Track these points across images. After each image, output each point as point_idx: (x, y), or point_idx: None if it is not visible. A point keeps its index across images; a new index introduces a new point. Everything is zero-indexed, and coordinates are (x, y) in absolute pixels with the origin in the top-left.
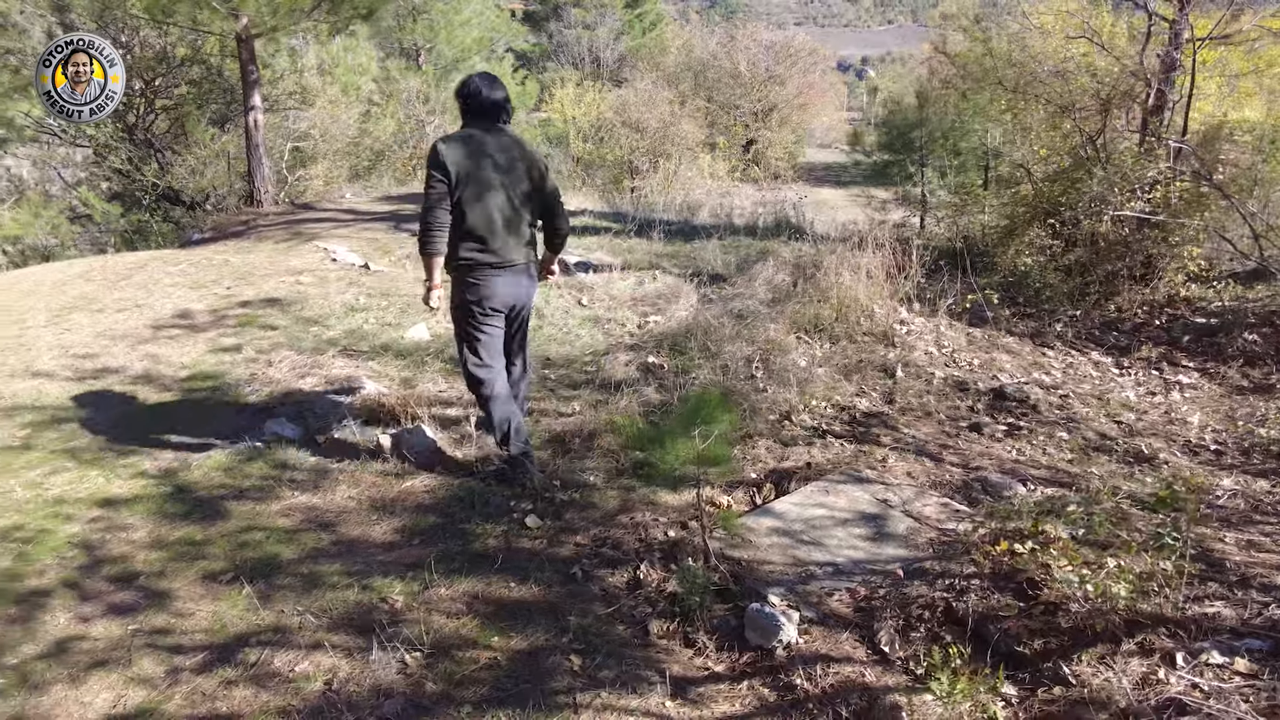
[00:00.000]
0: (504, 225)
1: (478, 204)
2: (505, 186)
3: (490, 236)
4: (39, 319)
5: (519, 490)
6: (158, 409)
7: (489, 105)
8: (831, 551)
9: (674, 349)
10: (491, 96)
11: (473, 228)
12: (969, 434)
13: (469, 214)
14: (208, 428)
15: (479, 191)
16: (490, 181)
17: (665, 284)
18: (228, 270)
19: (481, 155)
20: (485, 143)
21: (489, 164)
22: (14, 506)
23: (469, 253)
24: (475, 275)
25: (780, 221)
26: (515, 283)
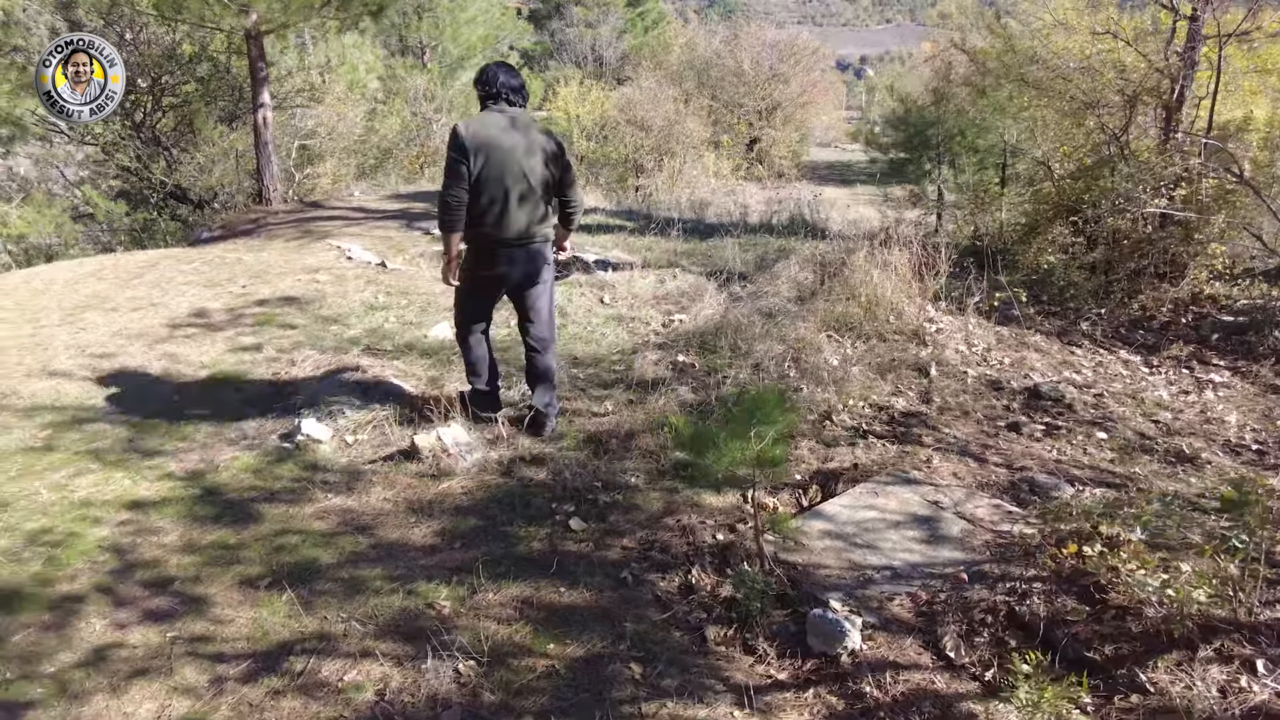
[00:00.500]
0: (519, 203)
1: (494, 182)
2: (521, 166)
3: (506, 214)
4: (53, 318)
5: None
6: (179, 409)
7: (505, 90)
8: (887, 555)
9: (703, 348)
10: (508, 82)
11: (489, 205)
12: (1008, 433)
13: (485, 191)
14: (234, 429)
15: (496, 171)
16: (507, 162)
17: (686, 282)
18: (241, 269)
19: (499, 136)
20: (503, 125)
21: (506, 145)
22: (40, 509)
23: (486, 229)
24: (491, 250)
25: (795, 219)
26: (529, 259)
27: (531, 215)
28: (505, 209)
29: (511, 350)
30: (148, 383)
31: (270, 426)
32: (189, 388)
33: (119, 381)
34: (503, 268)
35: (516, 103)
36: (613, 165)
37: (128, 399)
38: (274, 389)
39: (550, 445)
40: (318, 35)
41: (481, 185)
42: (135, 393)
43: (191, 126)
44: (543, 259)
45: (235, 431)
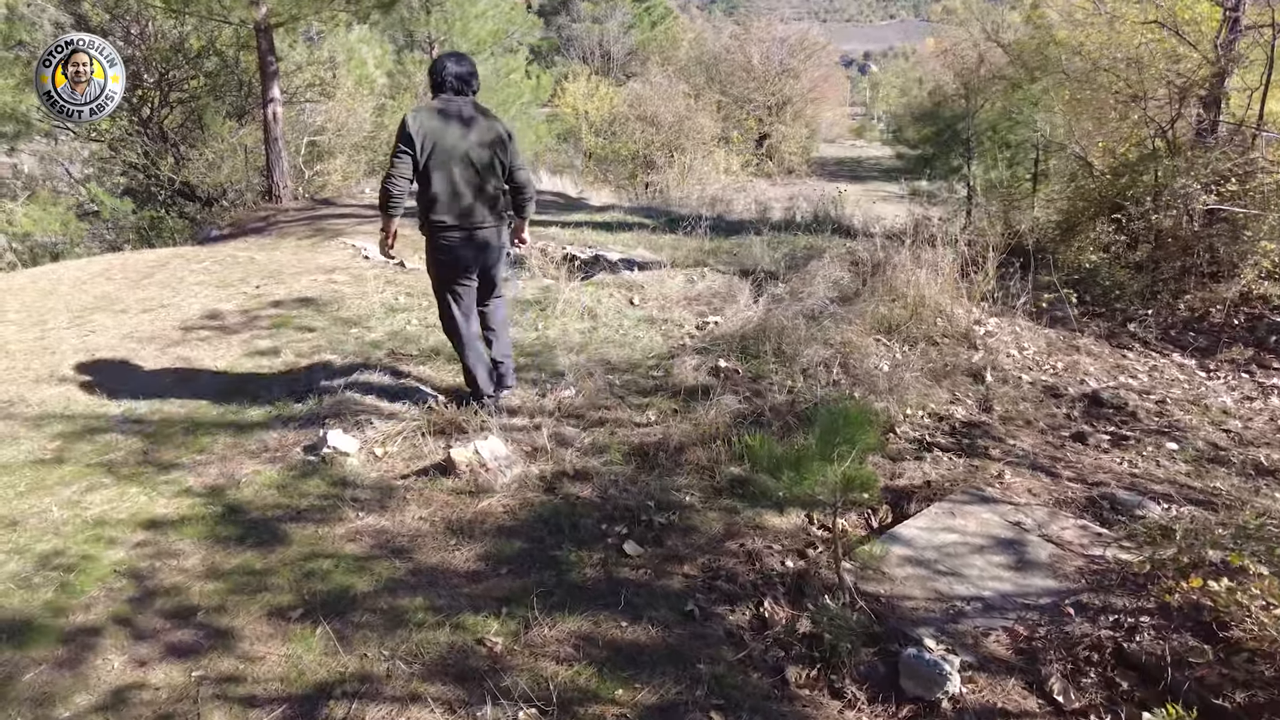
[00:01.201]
0: (470, 190)
1: (444, 170)
2: (470, 154)
3: (456, 201)
4: (60, 320)
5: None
6: (195, 419)
7: (454, 78)
8: (974, 583)
9: (745, 352)
10: (457, 70)
11: (440, 193)
12: (1074, 444)
13: (435, 180)
14: (254, 440)
15: (445, 159)
16: (455, 149)
17: (716, 282)
18: (254, 268)
19: (448, 125)
20: (451, 114)
21: (455, 133)
22: (51, 528)
23: (439, 216)
24: (445, 238)
25: (819, 217)
26: (484, 244)
27: (481, 202)
28: (454, 195)
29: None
30: (161, 389)
31: (293, 438)
32: (204, 394)
33: (131, 388)
34: (458, 252)
35: (464, 91)
36: (622, 161)
37: (141, 407)
38: (295, 396)
39: (594, 459)
40: (325, 30)
41: (430, 173)
42: (148, 400)
43: (200, 122)
44: (495, 243)
45: (256, 443)
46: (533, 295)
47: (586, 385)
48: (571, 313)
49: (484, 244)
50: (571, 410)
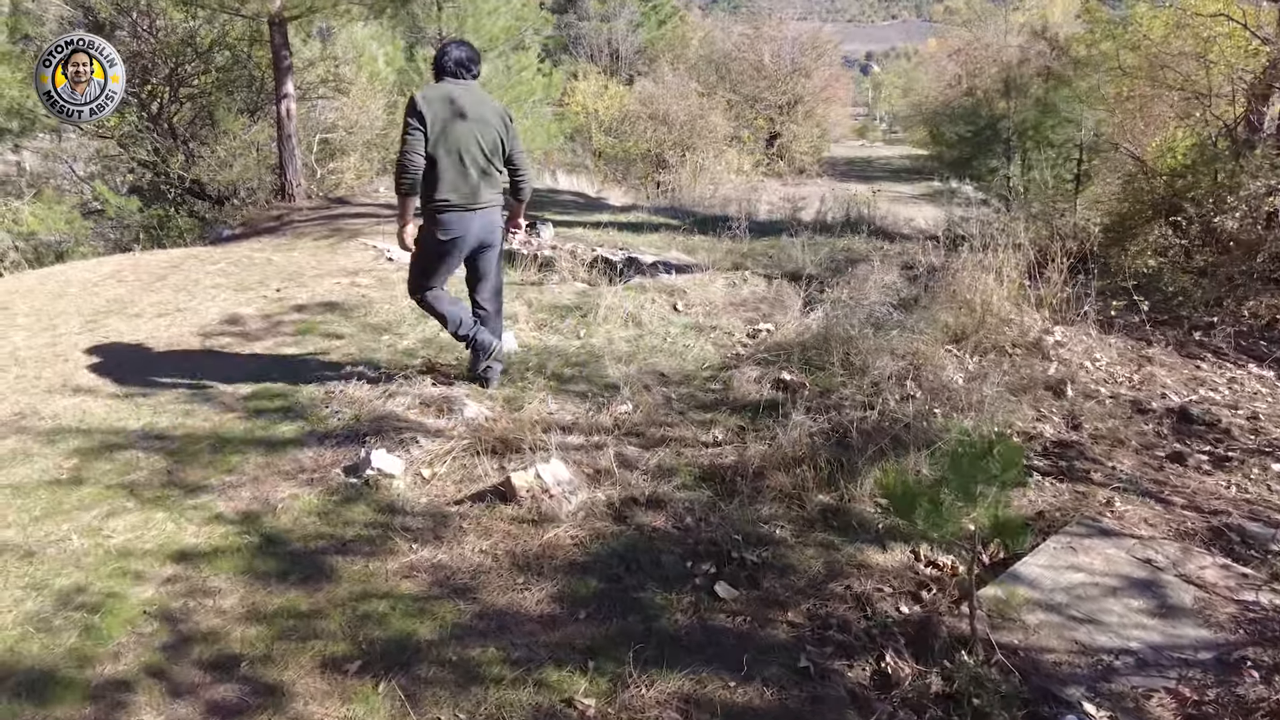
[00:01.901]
0: (475, 169)
1: (452, 149)
2: (476, 134)
3: (463, 179)
4: (72, 325)
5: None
6: (222, 434)
7: (455, 63)
8: (1117, 633)
9: (807, 363)
10: (459, 55)
11: (446, 170)
12: (1172, 465)
13: (443, 158)
14: (288, 458)
15: (453, 138)
16: (462, 130)
17: (760, 287)
18: (272, 270)
19: (455, 106)
20: (458, 95)
21: (460, 115)
22: (72, 560)
23: (443, 195)
24: (447, 215)
25: (851, 218)
26: (483, 222)
27: (485, 182)
28: (460, 176)
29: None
30: (182, 401)
31: (330, 456)
32: (230, 408)
33: (150, 399)
34: (459, 233)
35: (464, 76)
36: (633, 161)
37: (162, 421)
38: (330, 410)
39: (664, 483)
40: (338, 26)
41: (436, 153)
42: (169, 413)
43: (211, 119)
44: (496, 224)
45: (290, 462)
46: (570, 300)
47: (644, 400)
48: (614, 319)
49: (483, 224)
50: (630, 427)
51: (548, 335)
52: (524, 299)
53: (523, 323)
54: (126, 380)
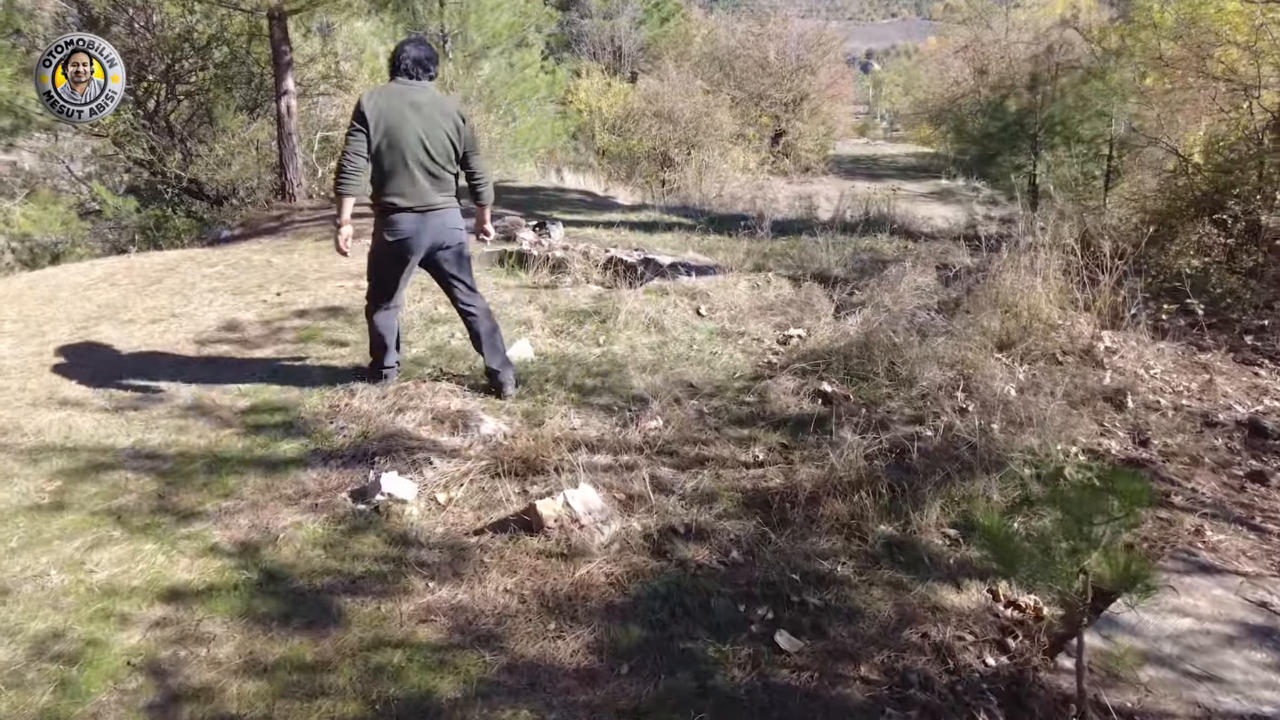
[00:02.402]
0: (421, 171)
1: (394, 151)
2: (422, 136)
3: (407, 181)
4: (61, 331)
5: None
6: (218, 453)
7: (411, 62)
8: (1244, 693)
9: (848, 372)
10: (414, 55)
11: (390, 173)
12: (1254, 485)
13: (387, 160)
14: (290, 481)
15: (397, 140)
16: (407, 131)
17: (785, 289)
18: (272, 273)
19: (401, 107)
20: (405, 96)
21: (408, 114)
22: (50, 600)
23: (389, 197)
24: (395, 217)
25: (870, 217)
26: (435, 224)
27: (434, 184)
28: (406, 177)
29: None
30: (176, 415)
31: (336, 479)
32: (228, 423)
33: (142, 413)
34: (406, 234)
35: (419, 76)
36: (640, 159)
37: (154, 438)
38: (335, 426)
39: (705, 510)
40: (337, 22)
41: (382, 154)
42: (162, 429)
43: (209, 116)
44: (450, 227)
45: (292, 485)
46: (587, 304)
47: (675, 414)
48: (636, 325)
49: (433, 226)
50: (662, 445)
51: (565, 342)
52: (538, 303)
53: (537, 329)
54: (117, 392)
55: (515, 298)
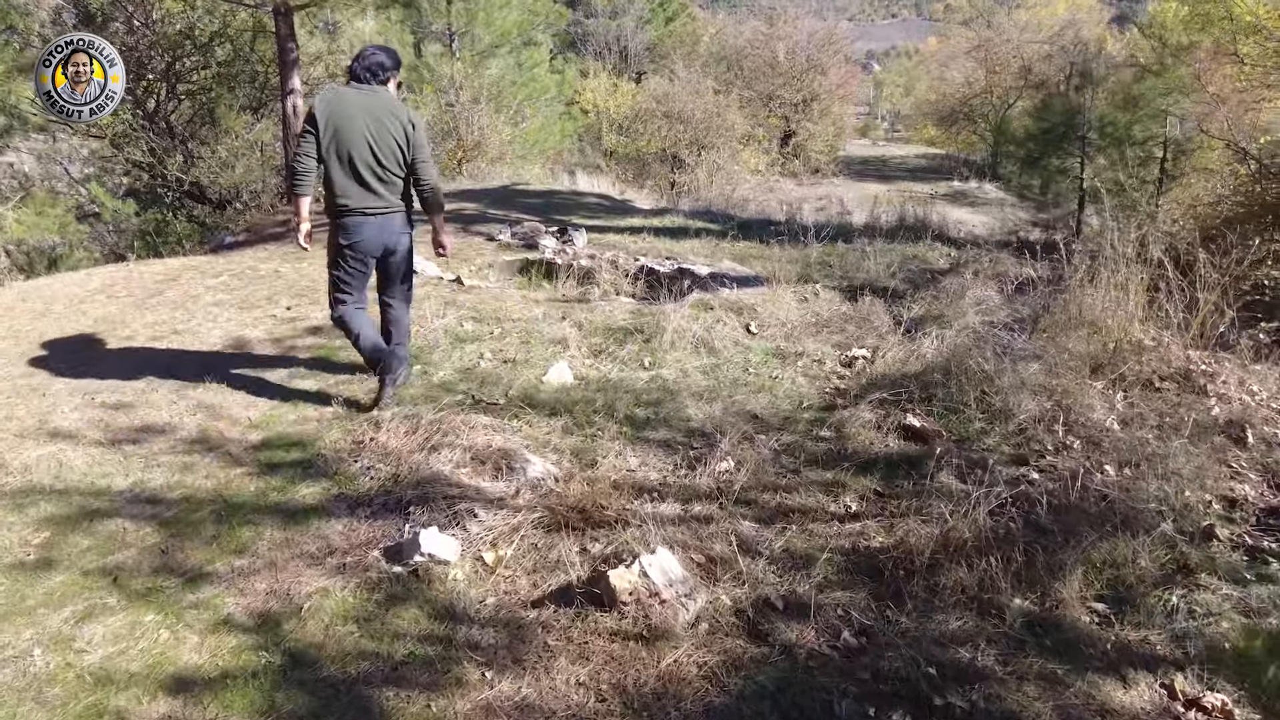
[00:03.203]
0: (370, 174)
1: (344, 155)
2: (370, 140)
3: (355, 185)
4: (55, 350)
5: None
6: (229, 497)
7: (364, 68)
8: None
9: (929, 401)
10: (369, 60)
11: (339, 176)
12: None
13: (335, 164)
14: (312, 534)
15: (345, 143)
16: (355, 135)
17: (835, 303)
18: (281, 284)
19: (351, 110)
20: (356, 101)
21: (356, 117)
22: (33, 690)
23: (340, 200)
24: (345, 220)
25: (906, 222)
26: (383, 227)
27: (382, 188)
28: (352, 181)
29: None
30: (180, 450)
31: (365, 532)
32: (238, 460)
33: (141, 448)
34: (357, 237)
35: (370, 81)
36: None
37: (155, 478)
38: (360, 465)
39: (801, 578)
40: (343, 20)
41: (330, 157)
42: (164, 467)
43: (211, 117)
44: (397, 231)
45: (315, 539)
46: (625, 321)
47: (747, 454)
48: (683, 344)
49: (383, 229)
50: (737, 493)
51: (606, 364)
52: (571, 320)
53: (574, 349)
54: (114, 422)
55: (546, 313)
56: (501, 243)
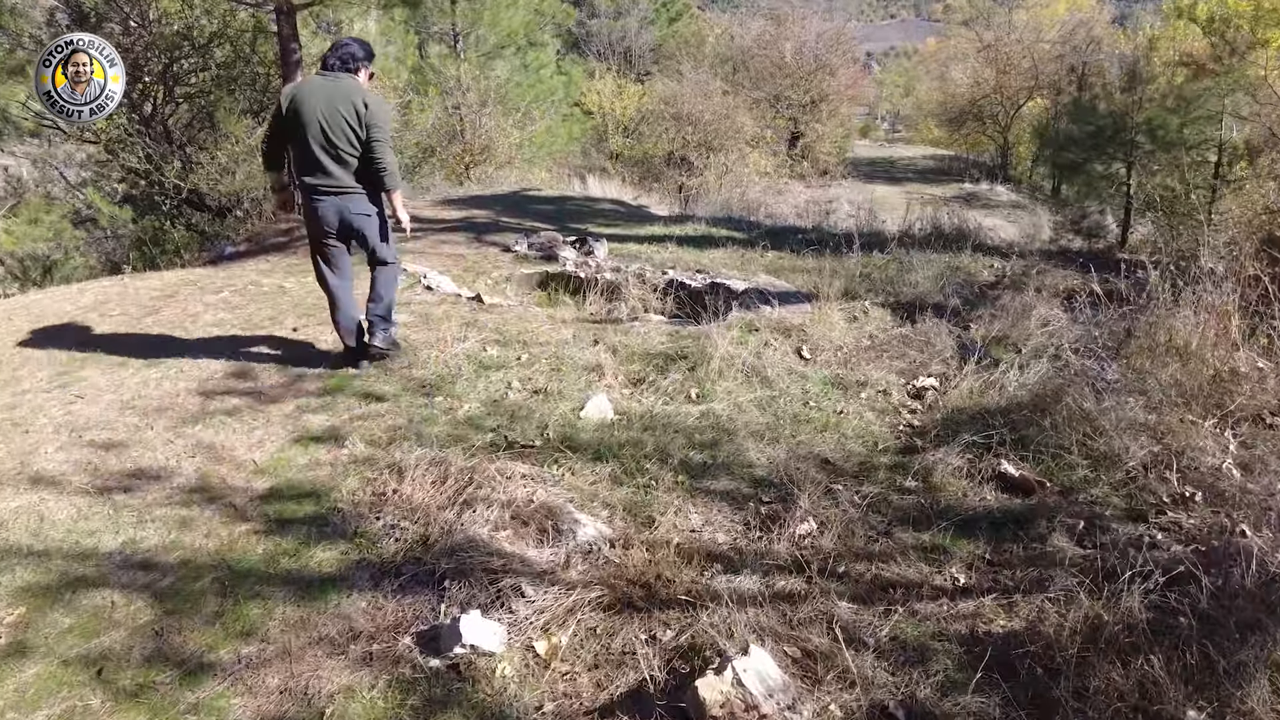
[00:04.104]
0: (324, 153)
1: (301, 136)
2: (322, 120)
3: (312, 165)
4: (40, 377)
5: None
6: (233, 562)
7: (334, 57)
8: None
9: (1022, 444)
10: (339, 52)
11: (297, 155)
12: None
13: (295, 145)
14: (331, 612)
15: (302, 125)
16: (311, 116)
17: (888, 322)
18: (286, 301)
19: (310, 96)
20: (318, 86)
21: (314, 101)
22: None
23: (301, 176)
24: (309, 198)
25: (941, 230)
26: (340, 205)
27: (337, 168)
28: (312, 160)
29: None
30: (176, 501)
31: (393, 611)
32: (242, 513)
33: (134, 497)
34: (318, 214)
35: (334, 68)
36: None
37: (149, 536)
38: (383, 523)
39: (919, 678)
40: (346, 19)
41: (293, 138)
42: (159, 522)
43: (210, 121)
44: (356, 211)
45: (335, 619)
46: (664, 344)
47: (831, 514)
48: (732, 373)
49: (341, 208)
50: (822, 562)
51: (648, 396)
52: (605, 344)
53: (610, 377)
54: (103, 464)
55: (576, 336)
56: (518, 254)
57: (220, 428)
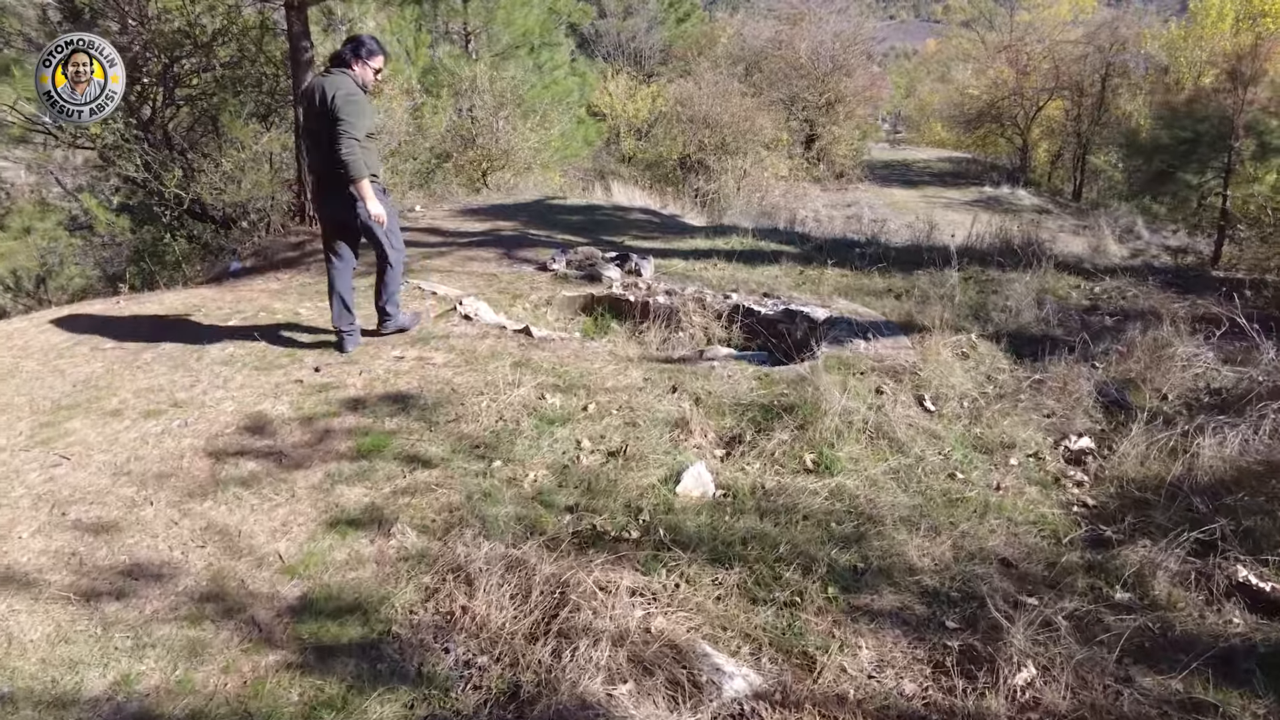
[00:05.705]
0: (314, 146)
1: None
2: (311, 118)
3: (308, 155)
4: (19, 430)
5: None
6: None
7: (338, 56)
8: None
9: (1249, 538)
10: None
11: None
12: None
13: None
14: None
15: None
16: (307, 114)
17: (999, 359)
18: (303, 333)
19: (307, 93)
20: (315, 85)
21: (309, 101)
22: None
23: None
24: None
25: (1009, 243)
26: (331, 198)
27: (319, 157)
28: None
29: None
30: (183, 616)
31: None
32: (269, 636)
33: (129, 607)
34: (318, 200)
35: (335, 67)
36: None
37: (148, 671)
38: (452, 657)
39: None
40: (356, 16)
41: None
42: (161, 649)
43: (214, 125)
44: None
45: None
46: (754, 394)
47: (1053, 653)
48: (852, 433)
49: (333, 197)
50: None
51: (751, 463)
52: (685, 391)
53: (698, 436)
54: (90, 558)
55: (648, 379)
56: (556, 273)
57: (235, 504)
